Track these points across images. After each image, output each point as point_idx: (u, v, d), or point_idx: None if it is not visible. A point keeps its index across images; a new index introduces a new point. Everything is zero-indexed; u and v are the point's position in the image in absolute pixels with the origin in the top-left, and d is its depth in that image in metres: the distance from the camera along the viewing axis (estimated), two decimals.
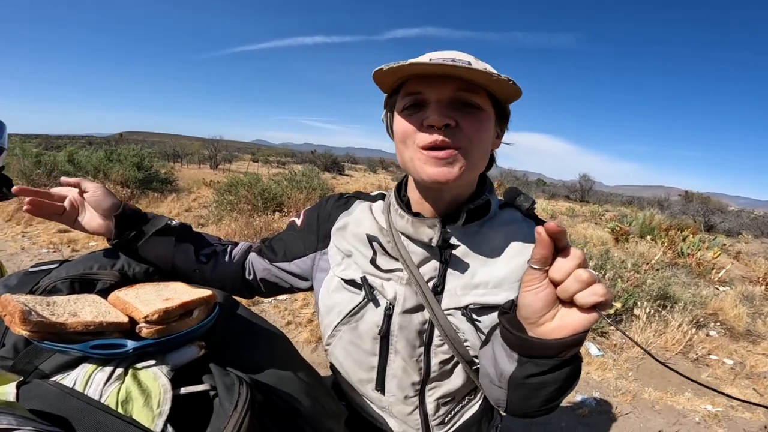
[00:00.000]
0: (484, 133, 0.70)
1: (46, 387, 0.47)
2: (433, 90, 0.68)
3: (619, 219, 10.42)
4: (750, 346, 4.24)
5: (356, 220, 0.85)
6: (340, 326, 0.82)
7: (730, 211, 17.68)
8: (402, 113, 0.72)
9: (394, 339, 0.79)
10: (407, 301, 0.77)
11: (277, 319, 3.86)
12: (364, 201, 0.90)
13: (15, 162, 8.59)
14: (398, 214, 0.77)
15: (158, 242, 0.82)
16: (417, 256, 0.77)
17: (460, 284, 0.76)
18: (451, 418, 0.84)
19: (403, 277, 0.78)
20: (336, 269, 0.84)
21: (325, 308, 0.85)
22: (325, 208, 0.91)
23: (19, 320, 0.49)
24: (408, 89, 0.70)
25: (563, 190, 28.47)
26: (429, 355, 0.79)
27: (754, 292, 5.56)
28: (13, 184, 1.58)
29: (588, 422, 2.79)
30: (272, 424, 0.57)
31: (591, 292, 0.49)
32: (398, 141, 0.73)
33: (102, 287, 0.68)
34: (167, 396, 0.49)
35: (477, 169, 0.73)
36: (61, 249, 5.37)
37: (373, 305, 0.79)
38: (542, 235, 0.49)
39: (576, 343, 0.53)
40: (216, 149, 23.46)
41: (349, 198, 0.92)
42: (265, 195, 7.29)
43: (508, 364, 0.61)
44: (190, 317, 0.60)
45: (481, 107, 0.69)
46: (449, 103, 0.68)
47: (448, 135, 0.66)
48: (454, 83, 0.67)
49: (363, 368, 0.83)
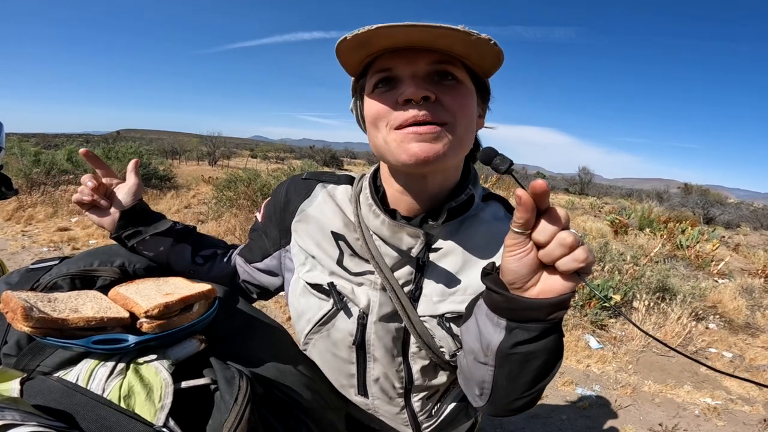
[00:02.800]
0: (468, 108, 0.63)
1: (49, 383, 0.48)
2: (406, 64, 0.60)
3: (618, 211, 10.43)
4: (749, 339, 4.25)
5: (318, 211, 0.76)
6: (311, 334, 0.77)
7: (730, 204, 17.68)
8: (372, 94, 0.63)
9: (371, 347, 0.73)
10: (382, 308, 0.71)
11: (278, 314, 3.87)
12: (326, 184, 0.80)
13: (14, 161, 8.58)
14: (372, 211, 0.69)
15: (156, 242, 0.81)
16: (390, 258, 0.70)
17: (437, 290, 0.70)
18: (438, 409, 0.82)
19: (376, 281, 0.71)
20: (300, 270, 0.77)
21: (295, 313, 0.79)
22: (282, 196, 0.81)
23: (22, 317, 0.49)
24: (377, 66, 0.62)
25: (563, 182, 28.45)
26: (408, 363, 0.74)
27: (753, 285, 5.57)
28: (13, 183, 1.58)
29: (588, 415, 2.81)
30: (273, 416, 0.58)
31: (572, 259, 0.47)
32: (370, 125, 0.65)
33: (102, 283, 0.69)
34: (169, 390, 0.50)
35: (464, 149, 0.64)
36: (62, 247, 5.37)
37: (344, 314, 0.73)
38: (524, 197, 0.46)
39: (563, 304, 0.51)
40: (214, 146, 23.39)
41: (308, 180, 0.81)
42: (265, 191, 7.28)
43: (496, 334, 0.56)
44: (190, 312, 0.61)
45: (461, 80, 0.62)
46: (426, 77, 0.60)
47: (429, 109, 0.59)
48: (429, 55, 0.60)
49: (342, 375, 0.78)
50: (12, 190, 1.56)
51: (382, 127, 0.62)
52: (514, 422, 2.66)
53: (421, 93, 0.58)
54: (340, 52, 0.61)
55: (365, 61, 0.64)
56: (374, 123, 0.63)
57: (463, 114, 0.62)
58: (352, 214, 0.74)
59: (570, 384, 3.14)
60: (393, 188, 0.70)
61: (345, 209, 0.75)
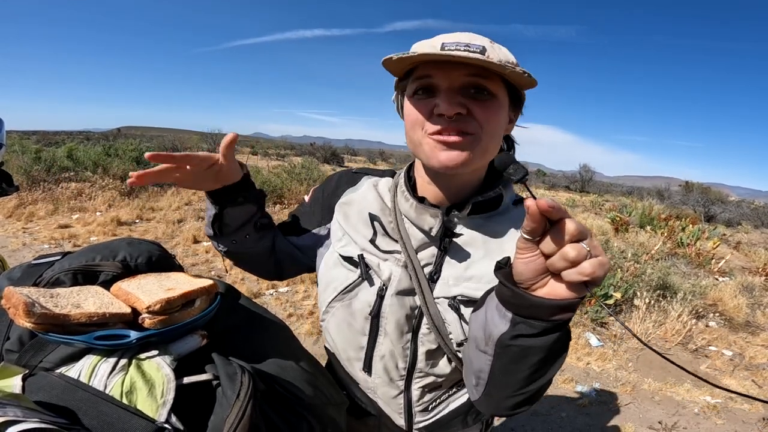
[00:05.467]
0: (496, 121, 0.69)
1: (51, 379, 0.48)
2: (444, 75, 0.66)
3: (619, 209, 10.42)
4: (749, 337, 4.26)
5: (361, 196, 0.86)
6: (334, 302, 0.83)
7: (731, 202, 17.66)
8: (412, 98, 0.70)
9: (384, 321, 0.79)
10: (401, 283, 0.77)
11: (279, 311, 3.87)
12: (371, 177, 0.90)
13: (14, 158, 8.58)
14: (404, 196, 0.77)
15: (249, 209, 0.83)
16: (417, 240, 0.77)
17: (454, 274, 0.76)
18: (435, 406, 0.84)
19: (401, 259, 0.78)
20: (336, 245, 0.85)
21: (323, 284, 0.86)
22: (332, 183, 0.92)
23: (23, 312, 0.49)
24: (418, 73, 0.69)
25: (563, 180, 28.42)
26: (416, 343, 0.79)
27: (753, 283, 5.57)
28: (13, 180, 1.58)
29: (588, 412, 2.81)
30: (274, 412, 0.58)
31: (577, 272, 0.48)
32: (408, 126, 0.73)
33: (104, 279, 0.69)
34: (171, 386, 0.50)
35: (488, 155, 0.71)
36: (63, 244, 5.37)
37: (367, 284, 0.80)
38: (531, 208, 0.48)
39: (568, 307, 0.52)
40: (215, 143, 23.37)
41: (356, 173, 0.92)
42: (265, 187, 7.28)
43: (500, 324, 0.58)
44: (192, 307, 0.60)
45: (495, 94, 0.67)
46: (461, 89, 0.66)
47: (459, 123, 0.66)
48: (467, 68, 0.65)
49: (353, 347, 0.84)
50: (13, 187, 1.56)
51: (418, 131, 0.70)
52: (515, 419, 2.66)
53: (454, 110, 0.65)
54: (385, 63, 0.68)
55: (409, 67, 0.71)
56: (412, 126, 0.71)
57: (490, 126, 0.68)
58: (390, 201, 0.82)
59: (570, 381, 3.14)
60: (423, 179, 0.79)
61: (384, 197, 0.85)
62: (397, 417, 0.85)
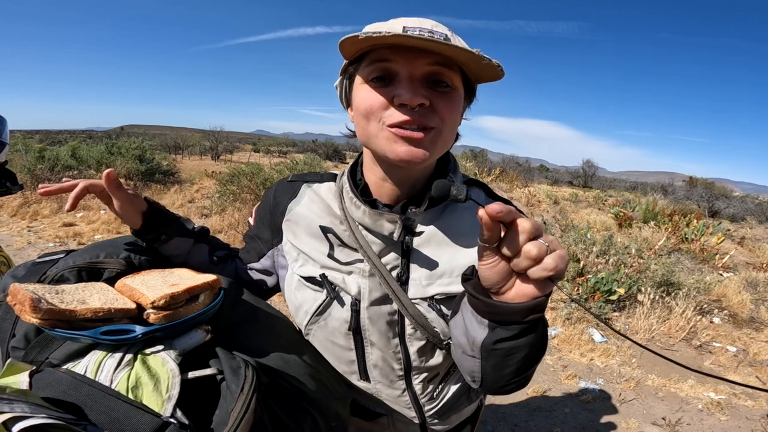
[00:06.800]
0: (456, 114, 0.67)
1: (58, 375, 0.48)
2: (405, 62, 0.61)
3: (623, 204, 10.39)
4: (753, 333, 4.23)
5: (306, 209, 0.80)
6: (310, 325, 0.80)
7: (735, 197, 17.56)
8: (367, 85, 0.65)
9: (366, 332, 0.77)
10: (372, 294, 0.75)
11: (282, 306, 3.89)
12: (311, 184, 0.84)
13: (18, 158, 8.62)
14: (353, 203, 0.72)
15: (178, 242, 0.83)
16: (377, 245, 0.74)
17: (425, 274, 0.73)
18: (439, 392, 0.84)
19: (365, 268, 0.75)
20: (294, 265, 0.81)
21: (293, 307, 0.83)
22: (270, 199, 0.86)
23: (30, 308, 0.50)
24: (375, 56, 0.63)
25: (566, 176, 28.30)
26: (405, 344, 0.77)
27: (758, 278, 5.54)
28: (17, 179, 1.58)
29: (592, 408, 2.81)
30: (278, 406, 0.59)
31: (541, 269, 0.49)
32: (360, 115, 0.66)
33: (109, 275, 0.69)
34: (176, 380, 0.50)
35: (446, 148, 0.69)
36: (67, 242, 5.40)
37: (337, 303, 0.76)
38: (484, 218, 0.49)
39: (538, 307, 0.54)
40: (217, 140, 23.43)
41: (293, 182, 0.85)
42: (268, 185, 7.29)
43: (480, 331, 0.59)
44: (195, 302, 0.61)
45: (454, 87, 0.65)
46: (422, 78, 0.62)
47: (421, 115, 0.62)
48: (430, 57, 0.61)
49: (343, 362, 0.81)
50: (17, 186, 1.57)
51: (373, 121, 0.65)
52: (517, 415, 2.67)
53: (417, 100, 0.60)
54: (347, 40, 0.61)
55: (365, 49, 0.64)
56: (366, 115, 0.65)
57: (451, 120, 0.66)
58: (338, 208, 0.77)
59: (573, 377, 3.14)
60: (376, 176, 0.74)
61: (331, 204, 0.79)
62: (407, 411, 0.85)
